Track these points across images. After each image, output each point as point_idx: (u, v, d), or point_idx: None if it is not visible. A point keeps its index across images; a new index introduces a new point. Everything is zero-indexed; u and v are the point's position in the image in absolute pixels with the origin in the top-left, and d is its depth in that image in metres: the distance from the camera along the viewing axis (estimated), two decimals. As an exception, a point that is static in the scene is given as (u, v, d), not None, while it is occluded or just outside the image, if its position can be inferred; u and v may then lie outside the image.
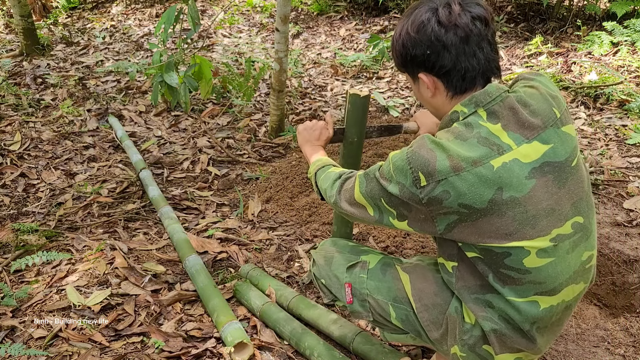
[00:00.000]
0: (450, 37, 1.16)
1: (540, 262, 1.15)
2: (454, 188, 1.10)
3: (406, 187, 1.15)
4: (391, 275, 1.40)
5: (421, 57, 1.20)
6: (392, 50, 1.28)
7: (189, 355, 1.77)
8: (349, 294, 1.44)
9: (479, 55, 1.18)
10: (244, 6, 6.56)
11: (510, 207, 1.11)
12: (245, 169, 3.14)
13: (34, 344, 1.81)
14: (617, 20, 4.47)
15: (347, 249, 1.52)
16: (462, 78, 1.19)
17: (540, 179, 1.13)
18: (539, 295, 1.18)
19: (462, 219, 1.13)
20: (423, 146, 1.15)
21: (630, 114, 3.45)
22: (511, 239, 1.13)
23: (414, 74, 1.26)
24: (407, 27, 1.21)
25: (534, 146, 1.14)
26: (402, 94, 4.15)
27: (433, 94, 1.25)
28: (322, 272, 1.53)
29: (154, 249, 2.36)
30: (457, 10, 1.16)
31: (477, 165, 1.10)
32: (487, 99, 1.17)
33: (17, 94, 4.07)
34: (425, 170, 1.12)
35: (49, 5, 6.34)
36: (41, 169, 3.11)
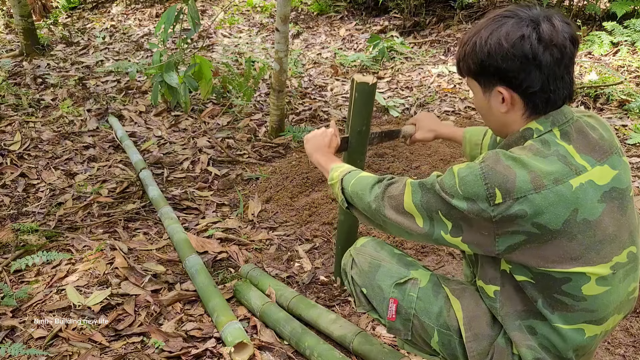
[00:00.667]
0: (547, 57, 1.09)
1: (597, 290, 1.12)
2: (533, 207, 1.05)
3: (477, 204, 1.08)
4: (443, 298, 1.31)
5: (509, 71, 1.12)
6: (467, 55, 1.17)
7: (189, 355, 1.77)
8: (393, 311, 1.34)
9: (567, 78, 1.13)
10: (244, 6, 6.56)
11: (581, 231, 1.08)
12: (245, 169, 3.14)
13: (34, 344, 1.81)
14: (617, 20, 4.47)
15: (394, 258, 1.40)
16: (547, 100, 1.13)
17: (609, 204, 1.11)
18: (587, 323, 1.15)
19: (529, 240, 1.08)
20: (499, 162, 1.09)
21: (630, 114, 3.45)
22: (575, 264, 1.09)
23: (489, 85, 1.17)
24: (499, 36, 1.11)
25: (605, 170, 1.12)
26: (402, 94, 4.15)
27: (507, 110, 1.17)
28: (365, 280, 1.40)
29: (154, 249, 2.36)
30: (558, 27, 1.10)
31: (558, 183, 1.06)
32: (563, 119, 1.13)
33: (17, 94, 4.07)
34: (504, 187, 1.06)
35: (49, 5, 6.34)
36: (41, 169, 3.11)
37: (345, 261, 1.50)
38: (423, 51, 4.99)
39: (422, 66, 4.65)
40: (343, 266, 1.50)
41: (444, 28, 5.38)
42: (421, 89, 4.20)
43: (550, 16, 1.12)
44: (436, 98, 4.00)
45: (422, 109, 3.87)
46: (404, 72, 4.55)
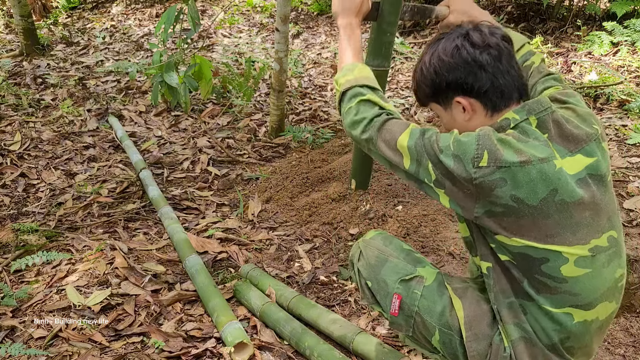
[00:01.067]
0: (485, 57, 1.18)
1: (577, 272, 1.15)
2: (513, 178, 1.10)
3: (462, 163, 1.13)
4: (447, 298, 1.32)
5: (458, 80, 1.20)
6: (419, 83, 1.27)
7: (189, 355, 1.77)
8: (397, 307, 1.36)
9: (512, 72, 1.20)
10: (244, 6, 6.56)
11: (558, 211, 1.12)
12: (245, 169, 3.14)
13: (34, 344, 1.81)
14: (617, 20, 4.47)
15: (402, 254, 1.41)
16: (501, 95, 1.20)
17: (585, 189, 1.15)
18: (573, 307, 1.17)
19: (507, 212, 1.12)
20: (490, 137, 1.14)
21: (630, 114, 3.45)
22: (550, 241, 1.13)
23: (447, 100, 1.25)
24: (438, 54, 1.22)
25: (577, 159, 1.16)
26: (402, 94, 4.15)
27: (470, 116, 1.24)
28: (370, 273, 1.42)
29: (154, 249, 2.36)
30: (485, 32, 1.20)
31: (544, 162, 1.12)
32: (539, 108, 1.19)
33: (17, 94, 4.07)
34: (493, 153, 1.11)
35: (49, 5, 6.34)
36: (41, 169, 3.11)
37: (353, 252, 1.50)
38: (423, 51, 4.99)
39: (422, 66, 4.65)
40: (350, 257, 1.51)
41: (444, 28, 5.38)
42: (421, 89, 4.20)
43: (476, 26, 1.23)
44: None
45: (422, 109, 3.87)
46: (404, 72, 4.55)
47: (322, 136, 3.38)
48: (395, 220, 2.43)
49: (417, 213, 2.48)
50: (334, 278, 2.17)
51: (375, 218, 2.47)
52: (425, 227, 2.38)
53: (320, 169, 2.95)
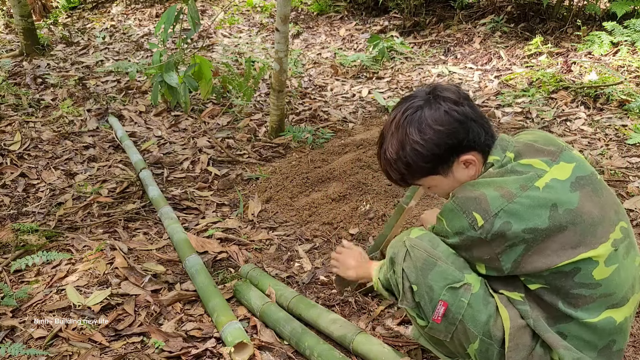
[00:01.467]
0: (467, 109, 1.25)
1: (608, 271, 1.17)
2: (513, 215, 1.14)
3: (465, 235, 1.18)
4: (492, 307, 1.27)
5: (462, 141, 1.24)
6: (414, 162, 1.27)
7: (189, 355, 1.77)
8: (441, 314, 1.29)
9: (481, 113, 1.29)
10: (244, 6, 6.56)
11: (569, 220, 1.15)
12: (245, 169, 3.14)
13: (34, 344, 1.81)
14: (617, 20, 4.47)
15: (450, 259, 1.30)
16: (491, 137, 1.28)
17: (582, 191, 1.19)
18: (611, 309, 1.19)
19: (528, 247, 1.15)
20: (464, 189, 1.20)
21: (630, 114, 3.45)
22: (578, 251, 1.15)
23: (448, 166, 1.28)
24: (429, 125, 1.24)
25: (562, 166, 1.21)
26: (402, 94, 4.15)
27: (475, 169, 1.28)
28: (418, 277, 1.31)
29: (154, 249, 2.36)
30: (450, 89, 1.29)
31: (526, 189, 1.16)
32: (507, 143, 1.27)
33: (17, 94, 4.07)
34: (479, 207, 1.15)
35: (49, 5, 6.34)
36: (41, 169, 3.11)
37: (396, 250, 1.37)
38: (423, 51, 4.99)
39: (422, 66, 4.65)
40: (392, 255, 1.38)
41: (444, 28, 5.38)
42: (421, 89, 4.20)
43: (434, 89, 1.29)
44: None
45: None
46: (404, 72, 4.55)
47: (322, 136, 3.38)
48: (395, 220, 2.43)
49: (417, 213, 2.48)
50: (333, 278, 2.17)
51: (375, 218, 2.47)
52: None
53: (320, 169, 2.95)
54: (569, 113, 3.55)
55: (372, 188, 2.70)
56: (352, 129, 3.54)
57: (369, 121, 3.68)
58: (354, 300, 2.04)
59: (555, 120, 3.50)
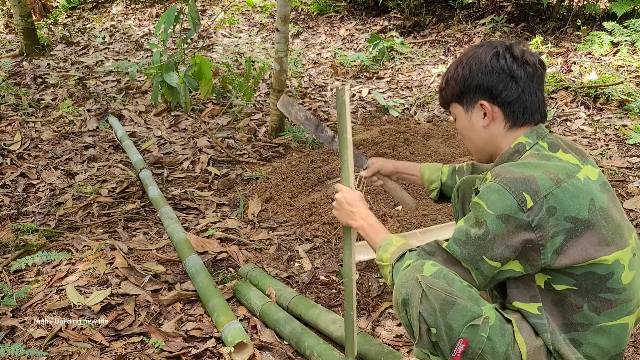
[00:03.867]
0: (521, 72, 1.24)
1: (631, 276, 1.18)
2: (559, 201, 1.13)
3: (511, 217, 1.13)
4: (510, 335, 1.22)
5: (489, 84, 1.25)
6: (449, 79, 1.31)
7: (189, 355, 1.77)
8: (460, 351, 1.21)
9: (539, 94, 1.27)
10: (244, 6, 6.56)
11: (603, 217, 1.16)
12: (245, 169, 3.14)
13: (34, 344, 1.81)
14: (617, 20, 4.47)
15: (465, 294, 1.21)
16: (524, 111, 1.25)
17: (608, 194, 1.21)
18: (627, 315, 1.20)
19: (568, 237, 1.14)
20: (511, 171, 1.17)
21: (630, 114, 3.45)
22: (611, 248, 1.15)
23: (471, 102, 1.30)
24: (477, 55, 1.27)
25: (591, 168, 1.23)
26: (402, 94, 4.15)
27: (488, 123, 1.28)
28: (436, 320, 1.20)
29: (154, 249, 2.36)
30: (526, 49, 1.27)
31: (570, 177, 1.17)
32: (545, 132, 1.27)
33: (17, 94, 4.07)
34: (530, 189, 1.13)
35: (49, 5, 6.34)
36: (41, 169, 3.11)
37: (411, 291, 1.23)
38: (423, 51, 4.99)
39: (422, 66, 4.65)
40: (405, 295, 1.24)
41: (444, 28, 5.38)
42: (421, 88, 4.20)
43: (520, 43, 1.29)
44: (436, 98, 4.00)
45: (422, 109, 3.87)
46: (404, 72, 4.55)
47: (322, 136, 3.38)
48: (395, 220, 2.43)
49: (417, 213, 2.48)
50: (333, 278, 2.17)
51: (375, 218, 2.47)
52: (425, 227, 2.38)
53: (320, 169, 2.95)
54: (569, 113, 3.56)
55: (372, 188, 2.70)
56: (352, 129, 3.54)
57: (369, 121, 3.68)
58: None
59: (556, 120, 3.50)
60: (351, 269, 1.52)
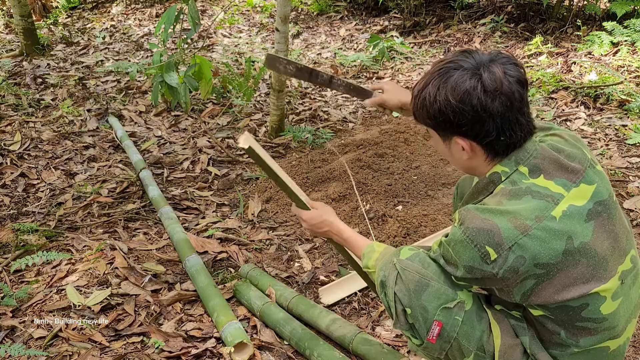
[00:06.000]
0: (496, 106, 1.11)
1: (614, 305, 1.14)
2: (526, 250, 1.08)
3: (475, 268, 1.12)
4: (485, 323, 1.26)
5: (463, 126, 1.15)
6: (422, 110, 1.20)
7: (189, 355, 1.77)
8: (435, 334, 1.25)
9: (521, 120, 1.15)
10: (244, 6, 6.56)
11: (583, 254, 1.10)
12: (245, 169, 3.14)
13: (34, 344, 1.81)
14: (617, 20, 4.47)
15: (441, 277, 1.26)
16: (506, 145, 1.16)
17: (597, 220, 1.13)
18: (610, 340, 1.17)
19: (539, 281, 1.10)
20: (476, 218, 1.11)
21: (630, 114, 3.45)
22: (590, 285, 1.10)
23: (446, 136, 1.21)
24: (446, 92, 1.13)
25: (582, 189, 1.14)
26: (402, 94, 4.15)
27: (469, 157, 1.20)
28: (411, 300, 1.26)
29: (154, 249, 2.36)
30: (500, 75, 1.11)
31: (541, 219, 1.09)
32: (526, 156, 1.16)
33: (17, 94, 4.07)
34: (493, 241, 1.08)
35: (49, 5, 6.34)
36: (41, 169, 3.11)
37: (387, 273, 1.32)
38: (423, 51, 4.99)
39: (422, 66, 4.65)
40: (383, 277, 1.32)
41: (444, 28, 5.38)
42: (421, 89, 4.20)
43: (493, 63, 1.13)
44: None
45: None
46: (404, 72, 4.55)
47: (322, 136, 3.38)
48: (395, 220, 2.43)
49: (417, 213, 2.48)
50: (333, 278, 2.17)
51: (375, 218, 2.47)
52: (425, 227, 2.38)
53: (320, 169, 2.95)
54: (569, 113, 3.56)
55: (372, 188, 2.70)
56: (352, 129, 3.54)
57: (369, 121, 3.68)
58: (356, 300, 2.04)
59: (556, 120, 3.50)
60: None
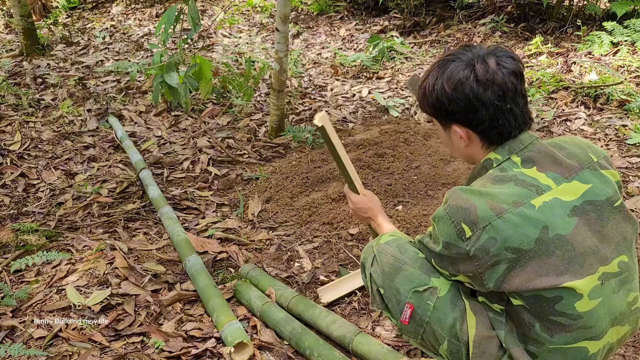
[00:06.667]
0: (489, 95, 1.17)
1: (592, 305, 1.13)
2: (499, 232, 1.11)
3: (452, 244, 1.16)
4: (459, 311, 1.29)
5: (458, 113, 1.22)
6: (423, 99, 1.28)
7: (189, 355, 1.77)
8: (407, 316, 1.33)
9: (515, 110, 1.20)
10: (244, 6, 6.56)
11: (558, 246, 1.11)
12: (245, 169, 3.14)
13: (34, 344, 1.81)
14: (617, 20, 4.47)
15: (417, 263, 1.34)
16: (499, 133, 1.22)
17: (582, 217, 1.15)
18: (588, 340, 1.16)
19: (510, 266, 1.12)
20: (458, 197, 1.16)
21: (630, 114, 3.45)
22: (562, 279, 1.11)
23: (445, 124, 1.29)
24: (442, 81, 1.21)
25: (574, 185, 1.16)
26: (402, 94, 4.15)
27: (467, 144, 1.27)
28: (384, 281, 1.37)
29: (154, 249, 2.36)
30: (493, 67, 1.17)
31: (519, 205, 1.12)
32: (520, 147, 1.21)
33: (17, 94, 4.07)
34: (468, 219, 1.13)
35: (49, 5, 6.34)
36: (41, 169, 3.11)
37: (366, 255, 1.45)
38: (423, 51, 4.99)
39: (422, 66, 4.65)
40: (363, 260, 1.47)
41: (444, 28, 5.38)
42: (421, 89, 4.20)
43: (489, 56, 1.19)
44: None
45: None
46: (404, 72, 4.55)
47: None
48: (395, 220, 2.43)
49: (417, 213, 2.48)
50: (333, 278, 2.17)
51: (375, 218, 2.47)
52: (425, 227, 2.38)
53: (320, 169, 2.95)
54: (569, 113, 3.56)
55: (372, 188, 2.69)
56: (352, 129, 3.54)
57: (369, 121, 3.68)
58: (356, 300, 2.04)
59: (556, 120, 3.50)
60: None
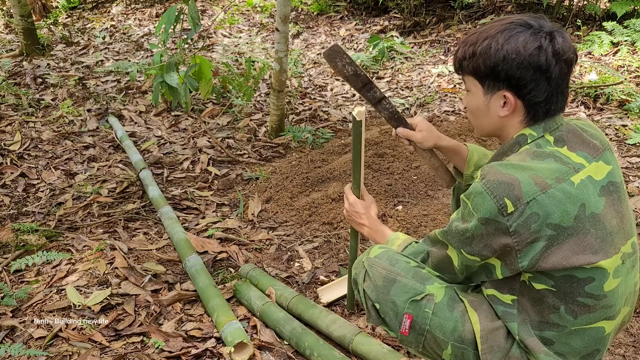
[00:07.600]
0: (557, 70, 1.13)
1: (614, 284, 1.14)
2: (543, 208, 1.08)
3: (491, 220, 1.11)
4: (459, 312, 1.27)
5: (520, 79, 1.14)
6: (479, 56, 1.17)
7: (189, 355, 1.77)
8: (407, 326, 1.30)
9: (565, 92, 1.18)
10: (244, 6, 6.56)
11: (592, 224, 1.11)
12: (245, 169, 3.14)
13: (34, 344, 1.81)
14: (617, 20, 4.47)
15: (410, 273, 1.32)
16: (547, 111, 1.17)
17: (608, 197, 1.15)
18: (606, 320, 1.17)
19: (549, 244, 1.10)
20: (498, 172, 1.12)
21: (630, 114, 3.45)
22: (598, 257, 1.11)
23: (494, 88, 1.19)
24: (517, 43, 1.13)
25: (600, 165, 1.16)
26: (402, 94, 4.15)
27: (507, 114, 1.20)
28: (378, 295, 1.34)
29: (154, 249, 2.36)
30: (568, 42, 1.14)
31: (561, 181, 1.10)
32: (554, 125, 1.19)
33: (17, 94, 4.07)
34: (512, 194, 1.09)
35: (49, 5, 6.34)
36: (41, 169, 3.11)
37: (357, 271, 1.42)
38: (423, 51, 4.99)
39: (422, 66, 4.65)
40: (354, 276, 1.42)
41: (444, 28, 5.38)
42: (421, 89, 4.20)
43: (560, 31, 1.16)
44: (436, 98, 4.00)
45: (422, 109, 3.87)
46: (404, 72, 4.55)
47: (322, 136, 3.38)
48: (395, 220, 2.43)
49: (417, 213, 2.48)
50: (333, 278, 2.17)
51: (375, 218, 2.47)
52: (425, 227, 2.38)
53: (320, 169, 2.95)
54: (569, 113, 3.55)
55: (372, 188, 2.70)
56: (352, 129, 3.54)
57: (369, 121, 3.68)
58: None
59: (555, 120, 3.50)
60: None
